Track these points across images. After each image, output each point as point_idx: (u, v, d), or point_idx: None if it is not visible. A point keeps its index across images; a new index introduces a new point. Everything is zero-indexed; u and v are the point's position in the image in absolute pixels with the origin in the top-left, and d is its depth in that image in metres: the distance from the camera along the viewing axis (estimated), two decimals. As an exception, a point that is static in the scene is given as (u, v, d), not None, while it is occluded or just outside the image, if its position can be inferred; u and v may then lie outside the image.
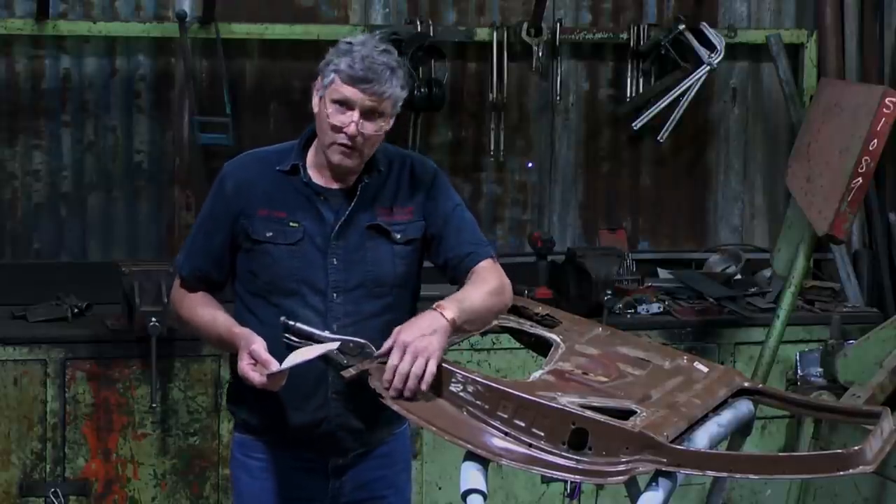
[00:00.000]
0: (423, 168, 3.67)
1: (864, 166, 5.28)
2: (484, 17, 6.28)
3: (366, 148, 3.52)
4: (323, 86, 3.51)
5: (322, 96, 3.51)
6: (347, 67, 3.45)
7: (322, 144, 3.55)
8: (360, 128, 3.47)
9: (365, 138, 3.49)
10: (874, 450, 3.16)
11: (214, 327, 3.60)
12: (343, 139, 3.48)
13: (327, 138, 3.51)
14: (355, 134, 3.47)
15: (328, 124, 3.49)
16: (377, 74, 3.45)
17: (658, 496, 3.08)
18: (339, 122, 3.47)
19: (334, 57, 3.50)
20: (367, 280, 3.57)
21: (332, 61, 3.50)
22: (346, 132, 3.47)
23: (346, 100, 3.47)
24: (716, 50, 6.20)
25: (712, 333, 5.85)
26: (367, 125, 3.48)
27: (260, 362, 3.41)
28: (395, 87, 3.48)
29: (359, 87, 3.45)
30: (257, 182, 3.59)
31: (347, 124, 3.47)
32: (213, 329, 3.60)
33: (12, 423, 5.25)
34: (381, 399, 3.33)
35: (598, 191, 6.49)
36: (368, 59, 3.44)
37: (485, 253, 3.65)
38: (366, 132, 3.48)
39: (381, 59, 3.46)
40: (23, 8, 5.81)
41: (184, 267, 3.67)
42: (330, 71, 3.49)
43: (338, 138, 3.49)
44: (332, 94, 3.48)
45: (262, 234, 3.56)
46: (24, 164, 5.91)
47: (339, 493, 3.70)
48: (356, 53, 3.46)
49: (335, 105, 3.48)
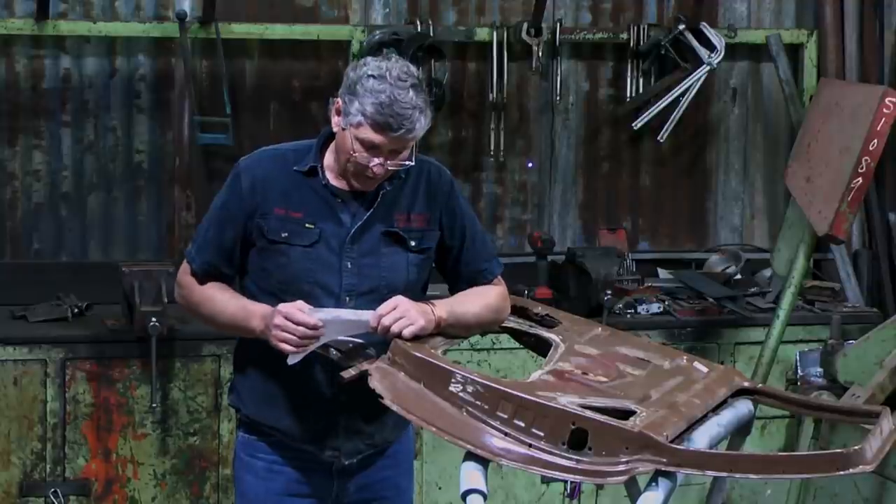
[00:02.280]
0: (441, 177, 3.68)
1: (864, 166, 5.28)
2: (484, 17, 6.28)
3: (389, 175, 3.53)
4: (347, 121, 3.45)
5: (345, 128, 3.47)
6: (376, 113, 3.39)
7: (342, 166, 3.53)
8: (385, 167, 3.47)
9: (388, 172, 3.50)
10: (874, 449, 3.16)
11: (226, 309, 3.58)
12: (368, 173, 3.48)
13: (350, 167, 3.50)
14: (380, 173, 3.48)
15: (353, 157, 3.47)
16: (406, 120, 3.40)
17: (658, 496, 3.08)
18: (365, 162, 3.46)
19: (360, 93, 3.41)
20: (381, 286, 3.58)
21: (357, 97, 3.41)
22: (372, 171, 3.47)
23: (373, 144, 3.44)
24: (716, 50, 6.20)
25: (712, 333, 5.85)
26: (391, 162, 3.48)
27: (296, 321, 3.40)
28: (423, 126, 3.45)
29: (386, 133, 3.42)
30: (274, 180, 3.57)
31: (374, 165, 3.46)
32: (224, 310, 3.58)
33: (12, 423, 5.25)
34: (381, 400, 3.34)
35: (598, 191, 6.49)
36: (398, 105, 3.38)
37: (497, 269, 3.73)
38: (390, 168, 3.49)
39: (408, 99, 3.39)
40: (23, 8, 5.81)
41: (195, 259, 3.64)
42: (357, 111, 3.42)
43: (361, 171, 3.48)
44: (358, 134, 3.44)
45: (279, 235, 3.55)
46: (24, 164, 5.91)
47: (343, 493, 3.70)
48: (383, 94, 3.38)
49: (360, 144, 3.45)
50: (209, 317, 3.66)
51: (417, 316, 3.47)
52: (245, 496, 3.74)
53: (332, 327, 3.44)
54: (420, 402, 3.29)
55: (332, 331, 3.45)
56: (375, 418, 3.63)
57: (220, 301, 3.61)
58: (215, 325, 3.68)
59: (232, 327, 3.63)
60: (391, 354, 3.43)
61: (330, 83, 5.96)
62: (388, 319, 3.46)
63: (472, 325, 3.69)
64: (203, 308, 3.65)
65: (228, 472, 5.20)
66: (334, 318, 3.44)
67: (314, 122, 5.94)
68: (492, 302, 3.69)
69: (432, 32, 6.06)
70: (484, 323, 3.71)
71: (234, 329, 3.63)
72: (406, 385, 3.34)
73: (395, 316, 3.46)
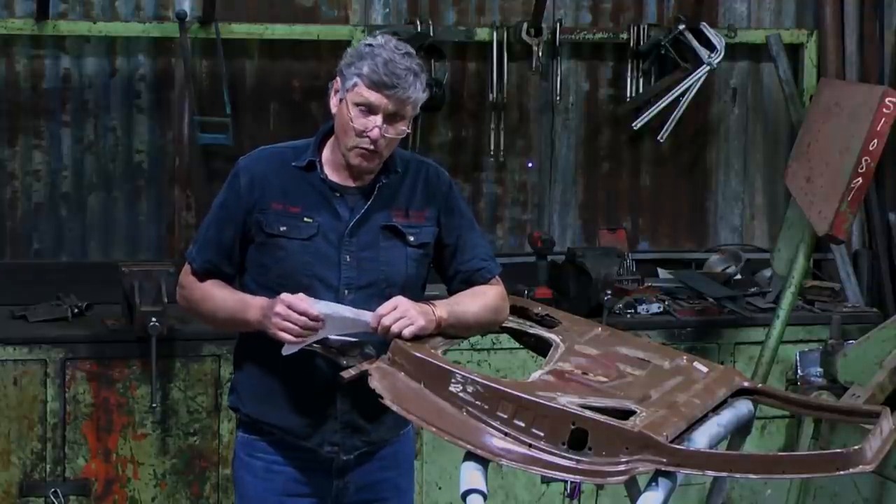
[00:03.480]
0: (439, 178, 3.71)
1: (864, 166, 5.28)
2: (484, 17, 6.28)
3: (386, 150, 3.55)
4: (344, 88, 3.52)
5: (343, 98, 3.52)
6: (371, 72, 3.46)
7: (342, 146, 3.56)
8: (383, 132, 3.49)
9: (386, 141, 3.52)
10: (874, 449, 3.16)
11: (225, 302, 3.59)
12: (366, 143, 3.50)
13: (350, 141, 3.53)
14: (378, 138, 3.49)
15: (351, 127, 3.50)
16: (401, 79, 3.46)
17: (658, 496, 3.08)
18: (362, 126, 3.49)
19: (355, 59, 3.50)
20: (379, 279, 3.59)
21: (353, 63, 3.50)
22: (369, 136, 3.49)
23: (370, 104, 3.48)
24: (716, 50, 6.20)
25: (712, 333, 5.85)
26: (390, 129, 3.50)
27: (298, 311, 3.41)
28: (417, 91, 3.50)
29: (383, 91, 3.47)
30: (272, 176, 3.60)
31: (371, 128, 3.48)
32: (224, 304, 3.59)
33: (12, 423, 5.25)
34: (381, 400, 3.35)
35: (598, 191, 6.49)
36: (392, 64, 3.45)
37: (494, 270, 3.74)
38: (388, 135, 3.51)
39: (403, 62, 3.47)
40: (23, 8, 5.81)
41: (196, 259, 3.67)
42: (352, 74, 3.49)
43: (360, 142, 3.51)
44: (354, 97, 3.49)
45: (276, 228, 3.57)
46: (24, 164, 5.91)
47: (343, 493, 3.70)
48: (378, 57, 3.46)
49: (358, 108, 3.49)
50: (209, 314, 3.67)
51: (417, 316, 3.48)
52: (245, 496, 3.74)
53: (332, 323, 3.44)
54: (420, 402, 3.29)
55: (332, 326, 3.45)
56: (375, 416, 3.63)
57: (220, 297, 3.62)
58: (215, 323, 3.70)
59: (231, 322, 3.64)
60: (391, 354, 3.44)
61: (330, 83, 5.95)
62: (388, 319, 3.46)
63: (472, 326, 3.69)
64: (203, 306, 3.67)
65: (228, 472, 5.20)
66: (334, 313, 3.44)
67: (314, 122, 5.93)
68: (491, 302, 3.70)
69: (432, 32, 6.06)
70: (483, 323, 3.72)
71: (233, 323, 3.64)
72: (406, 385, 3.35)
73: (395, 316, 3.46)
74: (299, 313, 3.42)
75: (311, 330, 3.44)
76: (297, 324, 3.43)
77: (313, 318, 3.42)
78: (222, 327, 3.76)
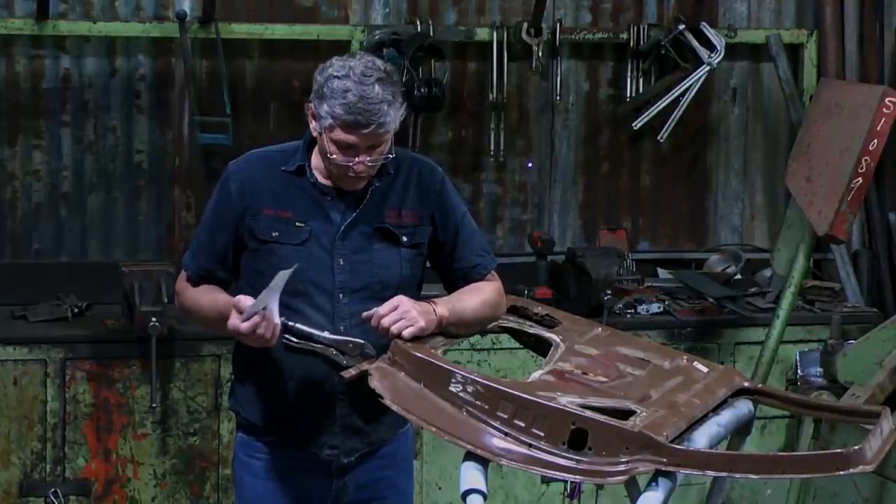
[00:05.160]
0: (432, 173, 3.69)
1: (864, 166, 5.28)
2: (484, 17, 6.28)
3: (372, 171, 3.54)
4: (321, 125, 3.48)
5: (321, 132, 3.50)
6: (344, 113, 3.41)
7: (327, 168, 3.55)
8: (366, 163, 3.48)
9: (371, 167, 3.51)
10: (874, 449, 3.16)
11: (216, 306, 3.59)
12: (352, 174, 3.50)
13: (334, 170, 3.52)
14: (363, 171, 3.49)
15: (332, 161, 3.49)
16: (375, 115, 3.42)
17: (658, 496, 3.08)
18: (344, 162, 3.48)
19: (328, 96, 3.43)
20: (373, 282, 3.59)
21: (325, 100, 3.44)
22: (354, 170, 3.48)
23: (348, 143, 3.46)
24: (716, 50, 6.20)
25: (712, 333, 5.85)
26: (373, 154, 3.49)
27: (237, 309, 3.42)
28: (394, 118, 3.46)
29: (359, 132, 3.44)
30: (262, 181, 3.60)
31: (354, 163, 3.47)
32: (215, 308, 3.59)
33: (12, 423, 5.25)
34: (381, 400, 3.35)
35: (598, 191, 6.49)
36: (364, 101, 3.40)
37: (490, 265, 3.74)
38: (370, 164, 3.49)
39: (375, 94, 3.41)
40: (23, 8, 5.81)
41: (190, 266, 3.68)
42: (326, 114, 3.45)
43: (344, 171, 3.50)
44: (332, 136, 3.46)
45: (269, 234, 3.57)
46: (24, 164, 5.91)
47: (343, 493, 3.70)
48: (350, 94, 3.40)
49: (336, 146, 3.47)
50: (203, 320, 3.68)
51: (418, 316, 3.48)
52: (244, 496, 3.75)
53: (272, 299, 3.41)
54: (420, 402, 3.29)
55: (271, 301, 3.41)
56: (374, 417, 3.63)
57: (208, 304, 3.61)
58: (212, 329, 3.70)
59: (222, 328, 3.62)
60: (391, 354, 3.44)
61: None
62: (388, 320, 3.46)
63: (472, 323, 3.69)
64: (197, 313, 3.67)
65: (228, 472, 5.20)
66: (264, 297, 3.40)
67: (314, 123, 5.94)
68: (489, 298, 3.69)
69: (432, 32, 6.06)
70: (483, 320, 3.72)
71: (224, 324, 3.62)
72: (406, 385, 3.35)
73: (395, 317, 3.46)
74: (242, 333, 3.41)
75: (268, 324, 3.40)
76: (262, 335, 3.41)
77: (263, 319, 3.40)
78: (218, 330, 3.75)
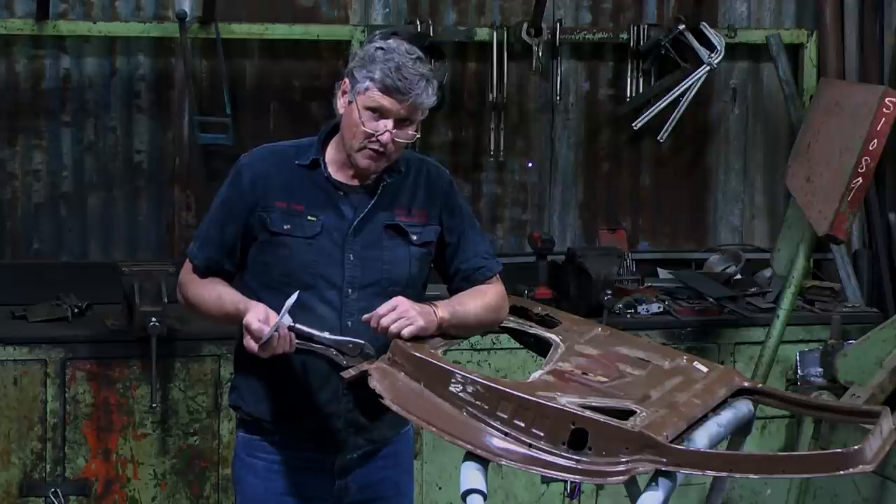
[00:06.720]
0: (440, 175, 3.72)
1: (864, 166, 5.28)
2: (484, 17, 6.28)
3: (394, 154, 3.55)
4: (354, 91, 3.51)
5: (352, 101, 3.52)
6: (384, 77, 3.46)
7: (349, 146, 3.55)
8: (393, 136, 3.50)
9: (396, 145, 3.52)
10: (874, 449, 3.16)
11: (221, 306, 3.59)
12: (376, 145, 3.51)
13: (357, 143, 3.53)
14: (388, 142, 3.50)
15: (361, 130, 3.50)
16: (413, 85, 3.47)
17: (658, 496, 3.08)
18: (372, 129, 3.50)
19: (367, 63, 3.49)
20: (382, 278, 3.60)
21: (365, 66, 3.49)
22: (379, 140, 3.50)
23: (382, 108, 3.48)
24: (716, 50, 6.20)
25: (712, 333, 5.85)
26: (400, 133, 3.51)
27: (251, 333, 3.42)
28: (429, 96, 3.51)
29: (395, 97, 3.47)
30: (275, 175, 3.61)
31: (382, 132, 3.49)
32: (220, 308, 3.59)
33: (12, 423, 5.25)
34: (381, 400, 3.34)
35: (598, 191, 6.49)
36: (405, 69, 3.46)
37: (495, 268, 3.75)
38: (398, 140, 3.51)
39: (415, 68, 3.48)
40: (23, 8, 5.81)
41: (197, 256, 3.67)
42: (364, 77, 3.48)
43: (369, 144, 3.51)
44: (366, 101, 3.49)
45: (281, 227, 3.57)
46: (24, 164, 5.91)
47: (345, 493, 3.70)
48: (391, 62, 3.46)
49: (368, 112, 3.49)
50: (206, 313, 3.67)
51: (417, 316, 3.48)
52: (245, 496, 3.75)
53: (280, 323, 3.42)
54: (420, 402, 3.29)
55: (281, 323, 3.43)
56: (375, 415, 3.63)
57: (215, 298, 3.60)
58: (214, 322, 3.69)
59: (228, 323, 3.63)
60: (391, 354, 3.44)
61: (330, 83, 5.95)
62: (387, 320, 3.47)
63: (473, 326, 3.70)
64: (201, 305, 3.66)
65: (228, 472, 5.20)
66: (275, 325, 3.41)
67: (314, 122, 5.93)
68: (491, 301, 3.70)
69: (432, 32, 6.06)
70: (484, 323, 3.72)
71: (230, 324, 3.62)
72: (406, 385, 3.35)
73: (394, 316, 3.47)
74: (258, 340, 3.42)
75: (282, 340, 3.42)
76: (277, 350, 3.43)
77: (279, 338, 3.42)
78: (220, 324, 3.75)
